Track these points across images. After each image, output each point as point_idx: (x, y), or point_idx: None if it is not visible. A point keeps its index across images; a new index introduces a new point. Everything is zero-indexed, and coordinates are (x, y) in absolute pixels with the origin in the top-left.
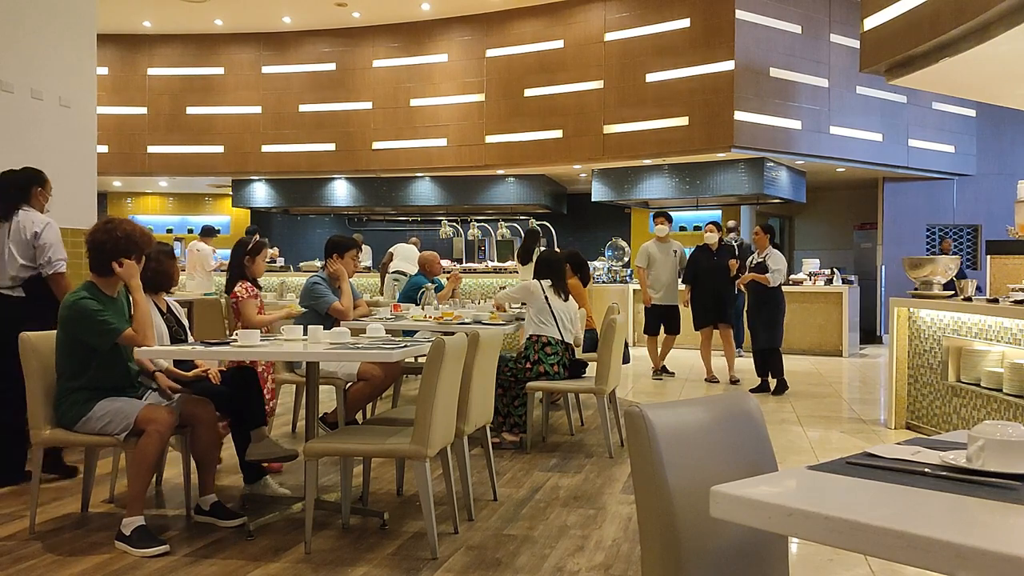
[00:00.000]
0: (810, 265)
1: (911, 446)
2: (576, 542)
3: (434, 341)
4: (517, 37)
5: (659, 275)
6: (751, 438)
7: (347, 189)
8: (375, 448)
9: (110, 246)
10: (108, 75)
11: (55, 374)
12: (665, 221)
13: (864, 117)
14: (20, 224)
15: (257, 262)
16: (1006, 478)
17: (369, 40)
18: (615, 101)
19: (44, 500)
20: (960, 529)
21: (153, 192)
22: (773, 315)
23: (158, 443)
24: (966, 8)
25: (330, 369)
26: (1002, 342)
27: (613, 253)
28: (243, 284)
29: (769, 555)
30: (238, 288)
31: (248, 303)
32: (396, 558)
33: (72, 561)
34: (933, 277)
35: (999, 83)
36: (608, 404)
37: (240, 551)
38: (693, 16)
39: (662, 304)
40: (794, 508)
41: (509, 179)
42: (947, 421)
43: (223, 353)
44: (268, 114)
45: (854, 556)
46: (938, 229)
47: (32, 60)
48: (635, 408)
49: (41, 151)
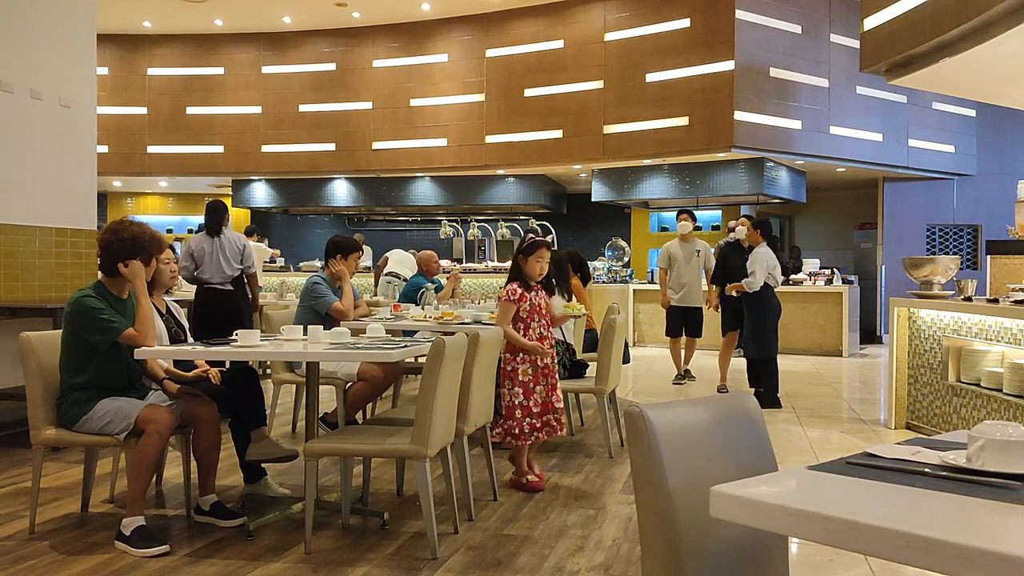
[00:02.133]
0: (810, 265)
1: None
2: (576, 542)
3: (434, 341)
4: (517, 37)
5: (679, 275)
6: (751, 438)
7: (347, 189)
8: (375, 448)
9: (116, 247)
10: (108, 75)
11: (56, 373)
12: (688, 219)
13: (864, 117)
14: (228, 239)
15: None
16: (1006, 478)
17: (369, 40)
18: (615, 101)
19: (44, 500)
20: (960, 529)
21: (153, 192)
22: (759, 323)
23: (158, 443)
24: (966, 8)
25: (330, 369)
26: (1002, 342)
27: (613, 253)
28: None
29: (769, 555)
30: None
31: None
32: (396, 558)
33: (72, 561)
34: (933, 277)
35: (999, 83)
36: (608, 404)
37: (240, 551)
38: (693, 16)
39: (682, 305)
40: (794, 508)
41: (509, 179)
42: (947, 421)
43: (223, 353)
44: (268, 114)
45: (854, 556)
46: (938, 229)
47: (32, 60)
48: (635, 408)
49: (41, 151)
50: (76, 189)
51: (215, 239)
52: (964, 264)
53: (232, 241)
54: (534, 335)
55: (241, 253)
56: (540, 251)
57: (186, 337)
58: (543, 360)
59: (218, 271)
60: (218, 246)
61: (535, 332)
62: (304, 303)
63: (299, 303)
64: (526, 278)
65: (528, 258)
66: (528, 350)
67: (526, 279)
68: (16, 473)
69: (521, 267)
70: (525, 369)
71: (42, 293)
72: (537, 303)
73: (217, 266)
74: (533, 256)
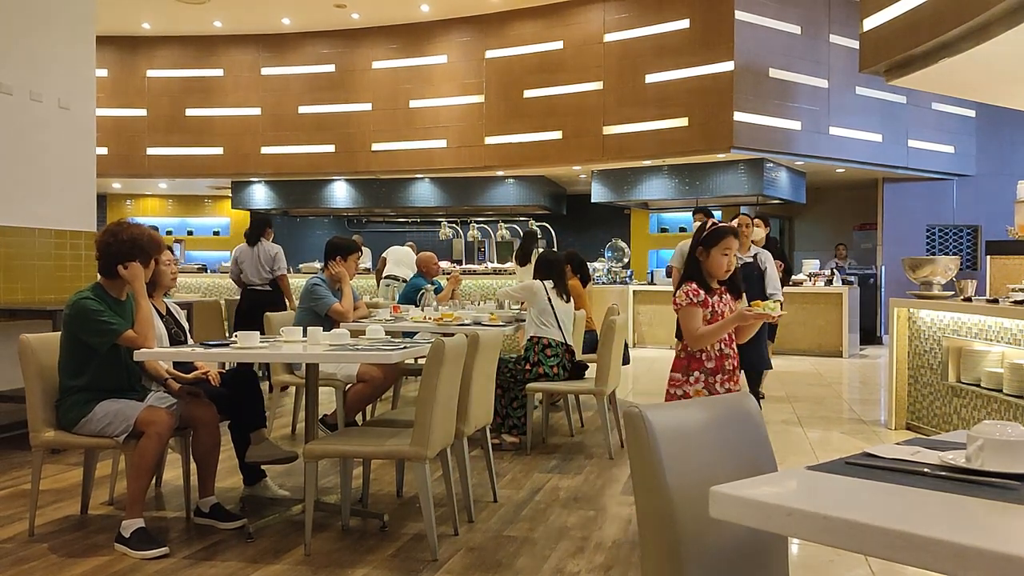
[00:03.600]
0: (810, 266)
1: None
2: (576, 543)
3: (433, 342)
4: (516, 38)
5: None
6: (751, 438)
7: (346, 190)
8: (375, 450)
9: (115, 249)
10: (107, 77)
11: (56, 375)
12: (704, 218)
13: (863, 117)
14: (264, 248)
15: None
16: (1005, 478)
17: (368, 41)
18: (614, 102)
19: (43, 502)
20: (960, 529)
21: (153, 194)
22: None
23: (157, 445)
24: (966, 8)
25: (329, 371)
26: (1002, 342)
27: (613, 254)
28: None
29: (769, 555)
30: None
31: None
32: (396, 560)
33: (71, 563)
34: (933, 278)
35: (999, 83)
36: (608, 405)
37: (240, 553)
38: (692, 17)
39: None
40: (794, 508)
41: (509, 180)
42: (947, 421)
43: (222, 355)
44: (267, 115)
45: (854, 556)
46: (938, 229)
47: (31, 62)
48: (635, 409)
49: (40, 153)
50: (76, 191)
51: (253, 248)
52: (964, 264)
53: (266, 250)
54: (714, 352)
55: (272, 260)
56: (727, 240)
57: (186, 338)
58: (724, 383)
59: (255, 274)
60: (255, 253)
61: (715, 349)
62: (303, 304)
63: (298, 304)
64: (707, 277)
65: (711, 250)
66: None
67: (706, 278)
68: (15, 475)
69: (701, 262)
70: (699, 391)
71: (41, 295)
72: (721, 310)
73: (254, 270)
74: (718, 247)
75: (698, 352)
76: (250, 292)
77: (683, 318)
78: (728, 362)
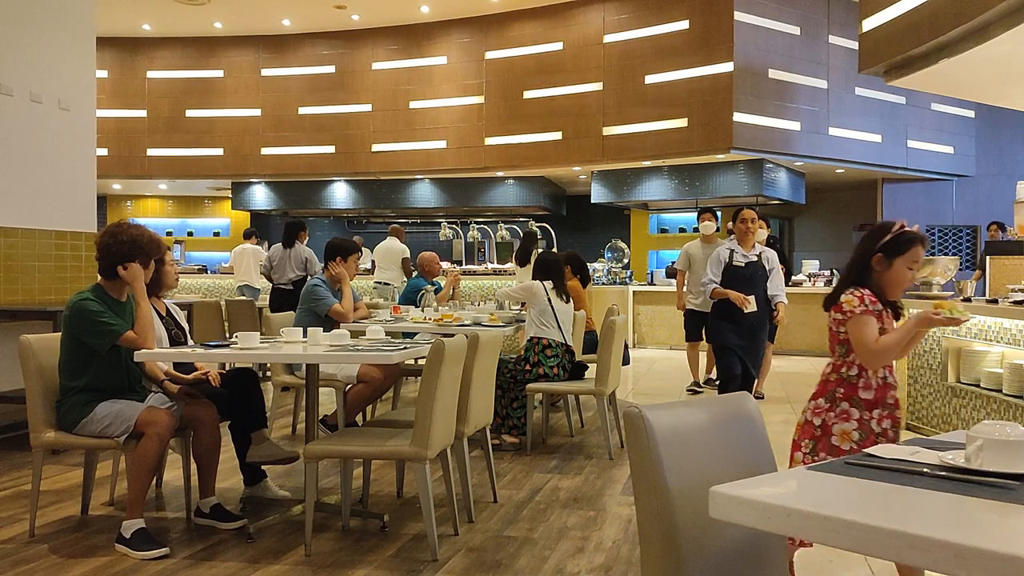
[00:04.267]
0: (810, 266)
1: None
2: (576, 544)
3: (433, 343)
4: (516, 39)
5: (699, 278)
6: (750, 439)
7: (347, 191)
8: (375, 450)
9: (115, 250)
10: (108, 78)
11: (56, 376)
12: (711, 218)
13: (863, 118)
14: (298, 251)
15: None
16: (1005, 478)
17: (368, 42)
18: (614, 103)
19: (44, 503)
20: (959, 529)
21: (153, 195)
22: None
23: (158, 446)
24: (965, 9)
25: (330, 371)
26: (1002, 343)
27: (613, 255)
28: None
29: (769, 555)
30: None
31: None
32: (396, 560)
33: (72, 564)
34: (932, 278)
35: (998, 84)
36: (608, 405)
37: (240, 553)
38: (692, 18)
39: (701, 310)
40: (794, 508)
41: (508, 181)
42: (947, 422)
43: (222, 356)
44: (267, 116)
45: (854, 557)
46: (937, 230)
47: (32, 63)
48: (634, 409)
49: (41, 154)
50: (76, 192)
51: (287, 249)
52: (963, 265)
53: (299, 252)
54: (876, 380)
55: (305, 262)
56: (916, 251)
57: (186, 339)
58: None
59: (284, 274)
60: (288, 255)
61: (878, 376)
62: (304, 305)
63: (299, 305)
64: (883, 290)
65: (895, 260)
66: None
67: (883, 291)
68: (16, 476)
69: (878, 272)
70: (848, 431)
71: (42, 296)
72: (888, 328)
73: (283, 271)
74: (905, 257)
75: (854, 377)
76: (278, 291)
77: (856, 328)
78: (890, 394)
